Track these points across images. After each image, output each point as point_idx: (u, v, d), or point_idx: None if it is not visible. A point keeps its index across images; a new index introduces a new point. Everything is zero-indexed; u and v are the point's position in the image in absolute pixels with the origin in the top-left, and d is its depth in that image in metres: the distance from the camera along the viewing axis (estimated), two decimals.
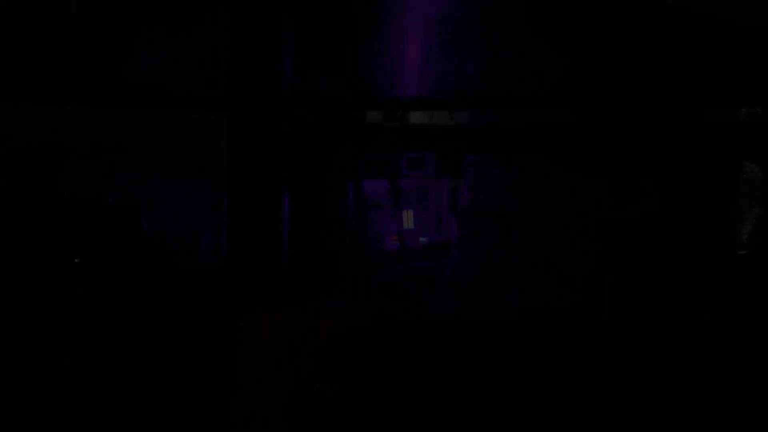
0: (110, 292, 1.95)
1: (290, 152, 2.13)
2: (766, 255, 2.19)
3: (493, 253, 3.01)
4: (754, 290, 1.99)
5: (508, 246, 2.96)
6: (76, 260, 2.06)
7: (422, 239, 4.06)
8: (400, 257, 3.24)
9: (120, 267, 2.50)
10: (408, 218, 4.15)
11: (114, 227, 2.94)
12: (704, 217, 2.36)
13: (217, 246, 3.64)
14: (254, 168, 2.11)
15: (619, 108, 2.01)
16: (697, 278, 2.14)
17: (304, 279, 2.15)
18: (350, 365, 1.03)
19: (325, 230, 2.07)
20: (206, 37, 1.71)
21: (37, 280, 2.03)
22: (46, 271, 2.04)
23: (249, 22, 1.78)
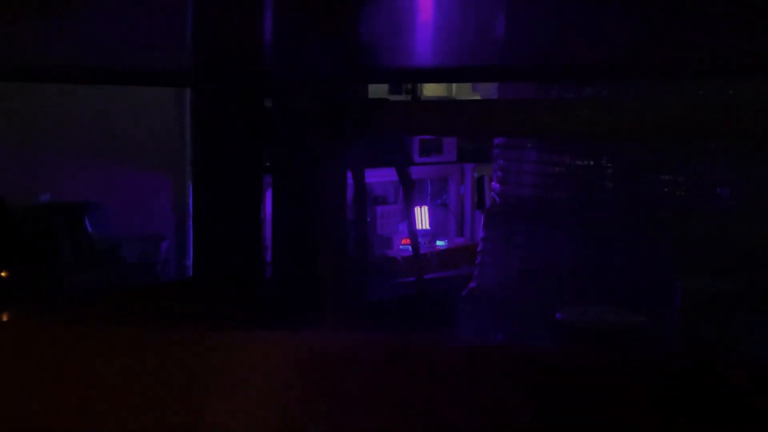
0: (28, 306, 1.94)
1: (273, 137, 2.11)
2: None
3: (533, 260, 2.99)
4: None
5: (552, 251, 2.94)
6: None
7: (440, 243, 4.03)
8: (411, 266, 3.21)
9: (49, 274, 2.51)
10: (422, 217, 4.12)
11: (46, 229, 2.93)
12: None
13: (181, 252, 3.63)
14: (226, 155, 2.08)
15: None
16: None
17: (290, 293, 2.13)
18: (346, 406, 1.00)
19: (317, 232, 2.05)
20: None
21: None
22: None
23: None
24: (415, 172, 3.79)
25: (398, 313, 3.54)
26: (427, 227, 3.97)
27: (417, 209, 3.97)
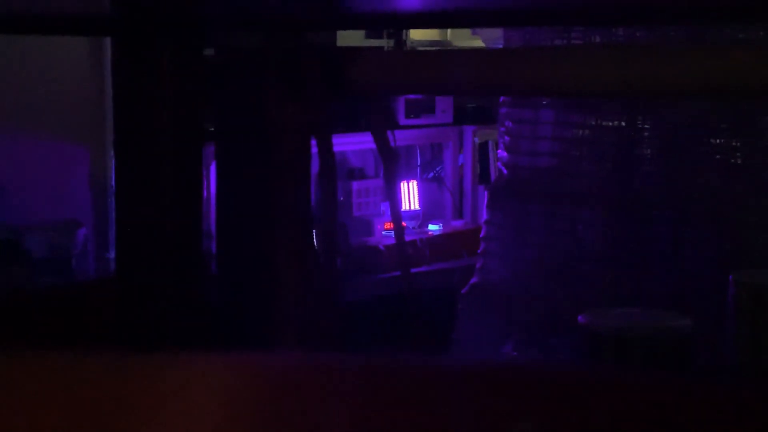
0: None
1: (216, 96, 2.09)
2: None
3: (550, 249, 2.99)
4: None
5: (574, 237, 2.93)
6: None
7: (433, 228, 4.02)
8: (396, 257, 3.18)
9: None
10: (410, 194, 4.10)
11: None
12: None
13: (102, 242, 3.61)
14: (157, 120, 2.06)
15: None
16: None
17: (240, 296, 2.12)
18: None
19: (273, 217, 2.04)
20: None
21: None
22: None
23: None
24: (401, 137, 3.78)
25: (380, 318, 3.52)
26: (417, 207, 3.95)
27: (403, 185, 3.95)
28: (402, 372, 1.11)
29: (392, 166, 2.22)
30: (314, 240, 2.17)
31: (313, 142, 2.07)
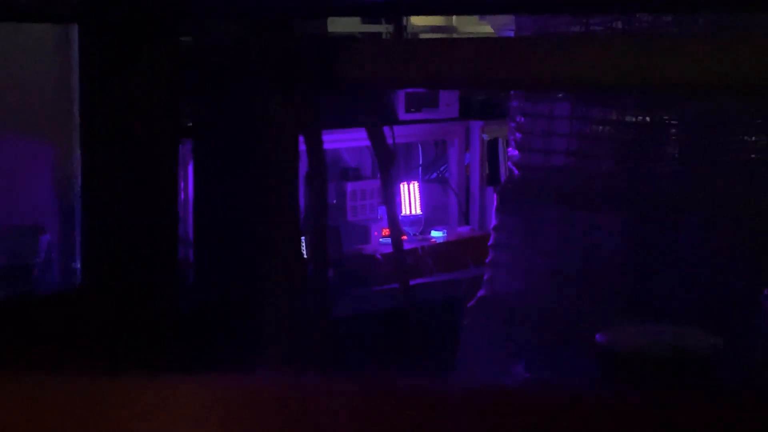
0: None
1: (194, 89, 2.10)
2: None
3: (566, 259, 3.00)
4: None
5: (592, 246, 2.94)
6: None
7: (436, 234, 4.03)
8: (395, 267, 3.19)
9: None
10: (411, 197, 4.11)
11: None
12: None
13: (68, 250, 3.62)
14: (129, 115, 2.07)
15: None
16: None
17: (219, 309, 2.13)
18: None
19: (257, 221, 2.05)
20: None
21: None
22: None
23: None
24: (400, 133, 3.78)
25: (376, 335, 3.52)
26: (418, 212, 3.96)
27: (403, 187, 3.95)
28: (400, 396, 1.12)
29: (390, 165, 2.23)
30: (303, 248, 2.18)
31: (302, 138, 2.08)
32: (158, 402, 1.11)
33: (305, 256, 2.18)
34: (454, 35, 4.58)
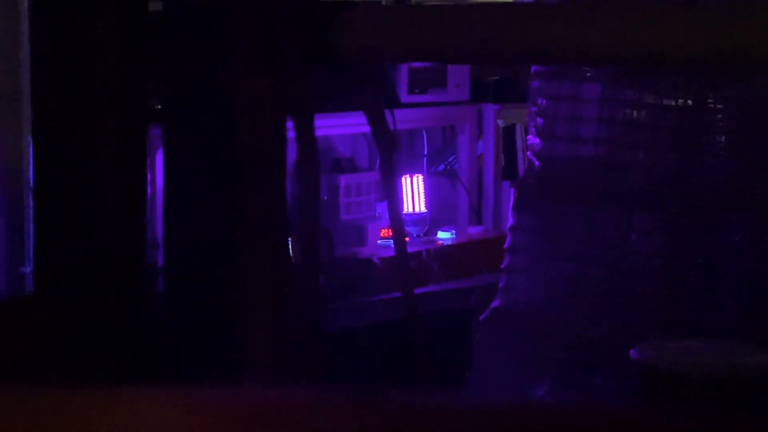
0: None
1: (165, 62, 2.10)
2: None
3: (593, 265, 2.99)
4: None
5: (624, 250, 2.94)
6: None
7: (444, 236, 4.02)
8: (396, 273, 3.19)
9: None
10: (414, 192, 4.11)
11: None
12: None
13: (16, 257, 3.62)
14: (88, 94, 2.07)
15: None
16: None
17: (193, 319, 2.13)
18: None
19: (237, 219, 2.05)
20: None
21: None
22: None
23: None
24: (403, 118, 3.78)
25: (374, 351, 3.52)
26: (423, 210, 3.95)
27: (405, 180, 3.95)
28: (402, 416, 1.12)
29: (391, 155, 2.23)
30: (290, 251, 2.18)
31: (290, 123, 2.08)
32: (125, 418, 1.12)
33: (293, 261, 2.18)
34: (466, 0, 4.58)
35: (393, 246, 2.38)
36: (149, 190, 3.17)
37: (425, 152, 4.32)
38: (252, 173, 2.08)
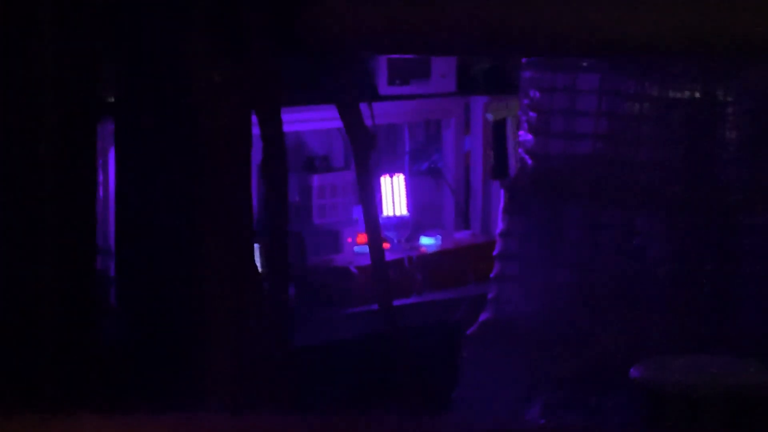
0: None
1: (119, 55, 2.10)
2: None
3: (593, 273, 2.99)
4: None
5: (627, 256, 2.94)
6: None
7: (428, 241, 4.01)
8: (374, 283, 3.19)
9: None
10: (395, 194, 4.10)
11: None
12: None
13: None
14: (28, 85, 2.07)
15: None
16: None
17: (151, 336, 2.13)
18: None
19: (196, 224, 2.06)
20: None
21: None
22: None
23: None
24: (382, 111, 3.76)
25: (351, 369, 3.52)
26: (404, 213, 3.94)
27: (385, 180, 3.94)
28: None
29: (367, 153, 2.23)
30: (256, 259, 2.18)
31: (255, 118, 2.08)
32: None
33: (259, 269, 2.18)
34: None
35: (370, 253, 2.38)
36: (100, 191, 3.17)
37: (407, 149, 4.31)
38: (213, 172, 2.08)
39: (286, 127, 2.12)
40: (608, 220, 2.99)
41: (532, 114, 3.19)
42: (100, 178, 3.31)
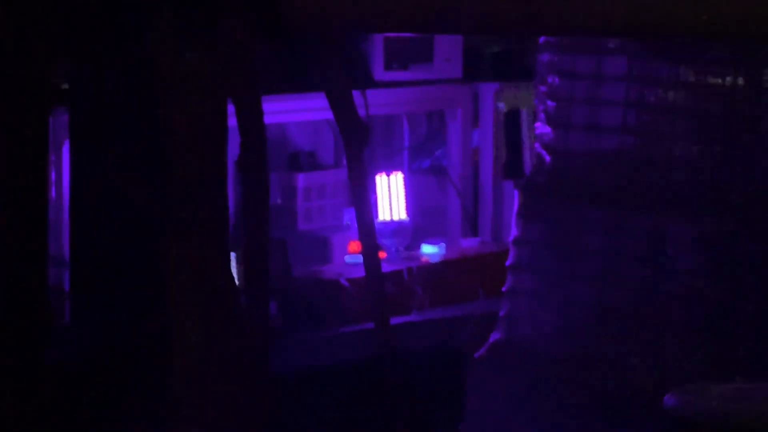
0: None
1: (76, 38, 2.11)
2: None
3: (618, 289, 3.00)
4: None
5: (656, 269, 2.95)
6: None
7: (430, 250, 4.01)
8: (368, 298, 3.18)
9: None
10: (392, 195, 4.09)
11: None
12: None
13: None
14: None
15: None
16: None
17: (108, 364, 2.14)
18: None
19: (165, 231, 2.07)
20: None
21: None
22: None
23: None
24: (377, 101, 3.77)
25: (341, 396, 3.52)
26: (403, 217, 3.95)
27: (381, 179, 3.94)
28: None
29: (360, 149, 2.24)
30: (232, 269, 2.19)
31: (231, 108, 2.09)
32: None
33: (236, 282, 2.19)
34: None
35: (364, 264, 2.39)
36: (53, 192, 3.18)
37: (406, 144, 4.33)
38: (183, 170, 2.09)
39: (267, 119, 2.13)
40: (635, 227, 3.00)
41: (550, 103, 3.20)
42: (53, 176, 3.32)
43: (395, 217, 4.04)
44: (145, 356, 2.13)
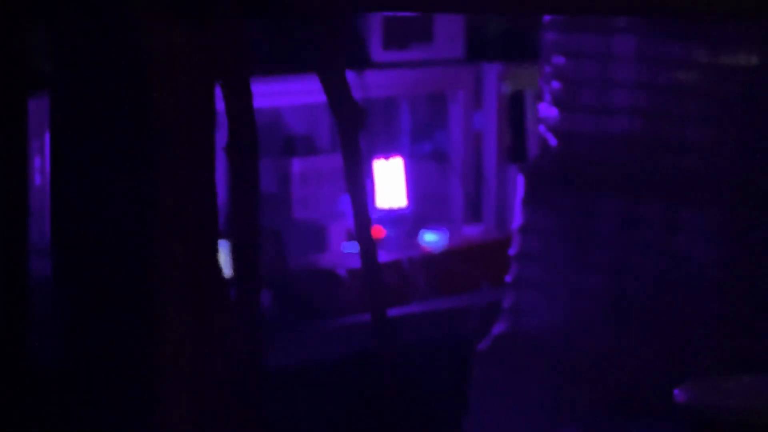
0: None
1: (56, 16, 2.11)
2: None
3: (630, 279, 3.00)
4: None
5: (668, 253, 2.95)
6: None
7: (431, 238, 4.01)
8: (366, 288, 3.18)
9: None
10: (391, 182, 4.10)
11: None
12: None
13: None
14: None
15: None
16: None
17: (92, 366, 2.14)
18: None
19: (150, 221, 2.06)
20: None
21: None
22: None
23: None
24: (375, 82, 3.77)
25: (338, 391, 3.53)
26: (403, 204, 3.95)
27: (379, 165, 3.95)
28: None
29: (356, 133, 2.24)
30: (221, 260, 2.18)
31: (219, 91, 2.08)
32: None
33: (225, 273, 2.19)
34: None
35: (360, 253, 2.38)
36: (36, 179, 3.18)
37: (406, 128, 4.33)
38: (169, 157, 2.08)
39: (260, 102, 2.12)
40: (647, 215, 3.00)
41: (555, 84, 3.21)
42: (37, 164, 3.32)
43: (394, 205, 4.04)
44: (131, 351, 2.12)
